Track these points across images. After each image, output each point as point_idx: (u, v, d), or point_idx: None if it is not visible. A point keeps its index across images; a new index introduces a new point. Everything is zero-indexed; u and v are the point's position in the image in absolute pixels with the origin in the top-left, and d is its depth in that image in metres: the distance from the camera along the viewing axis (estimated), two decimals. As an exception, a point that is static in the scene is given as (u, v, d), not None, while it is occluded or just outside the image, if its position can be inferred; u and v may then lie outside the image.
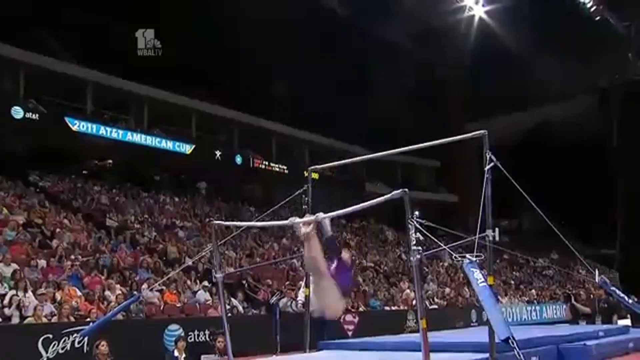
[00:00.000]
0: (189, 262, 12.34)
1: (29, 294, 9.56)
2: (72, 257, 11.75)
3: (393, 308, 15.89)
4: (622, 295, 5.91)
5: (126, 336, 9.08)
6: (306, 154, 27.91)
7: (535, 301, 21.40)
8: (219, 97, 24.31)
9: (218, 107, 24.24)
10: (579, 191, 29.50)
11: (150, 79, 21.31)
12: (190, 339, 10.10)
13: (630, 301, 5.99)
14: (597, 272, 5.65)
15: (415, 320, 13.24)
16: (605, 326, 9.42)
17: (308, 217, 5.03)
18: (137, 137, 20.91)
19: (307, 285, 7.00)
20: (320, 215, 5.00)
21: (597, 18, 24.24)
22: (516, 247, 27.21)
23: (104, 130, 19.87)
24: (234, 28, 22.37)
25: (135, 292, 10.30)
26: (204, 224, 17.65)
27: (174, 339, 9.19)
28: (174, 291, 11.89)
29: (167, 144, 21.89)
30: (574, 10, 23.43)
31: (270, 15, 22.08)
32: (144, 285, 11.03)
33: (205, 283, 12.76)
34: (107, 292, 10.70)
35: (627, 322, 10.82)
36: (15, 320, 9.13)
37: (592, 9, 23.62)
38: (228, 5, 21.67)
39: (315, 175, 6.99)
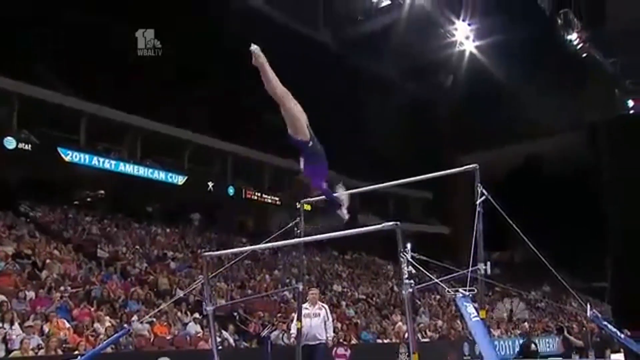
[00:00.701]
0: (180, 294, 12.20)
1: (16, 326, 9.40)
2: (62, 288, 11.60)
3: (385, 341, 15.72)
4: (614, 330, 5.88)
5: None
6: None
7: (527, 334, 21.23)
8: (212, 129, 24.39)
9: (211, 138, 24.30)
10: (570, 224, 29.61)
11: (144, 110, 21.40)
12: (180, 372, 9.93)
13: (622, 336, 5.95)
14: (588, 306, 5.63)
15: (407, 354, 13.10)
16: (598, 361, 9.34)
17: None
18: (130, 168, 20.90)
19: (299, 319, 6.93)
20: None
21: (584, 55, 24.76)
22: (508, 279, 27.19)
23: (96, 161, 19.84)
24: (224, 60, 22.56)
25: (125, 325, 10.14)
26: (195, 255, 17.51)
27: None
28: (165, 323, 11.73)
29: (160, 175, 21.86)
30: (562, 47, 23.92)
31: (265, 48, 22.31)
32: (134, 317, 10.88)
33: (196, 315, 12.60)
34: (96, 324, 10.52)
35: (620, 357, 10.73)
36: (1, 354, 8.94)
37: (579, 47, 24.14)
38: (223, 43, 21.88)
39: (307, 207, 6.97)
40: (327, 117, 26.80)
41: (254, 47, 4.73)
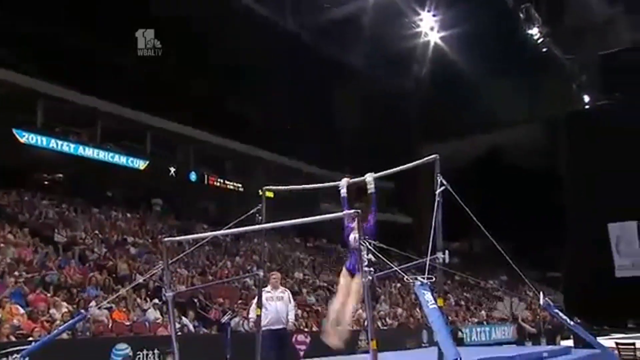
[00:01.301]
0: (140, 279, 12.03)
1: (-33, 312, 9.14)
2: (16, 273, 11.29)
3: (345, 328, 15.83)
4: (564, 317, 6.06)
5: (71, 356, 8.76)
6: (262, 173, 27.83)
7: (484, 322, 21.74)
8: (176, 114, 24.06)
9: (174, 123, 23.99)
10: (528, 215, 30.32)
11: (105, 93, 20.97)
12: (139, 358, 9.83)
13: (572, 323, 6.14)
14: (541, 294, 5.78)
15: (367, 341, 13.23)
16: (549, 347, 9.63)
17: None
18: (90, 152, 20.50)
19: (258, 305, 6.92)
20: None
21: (544, 50, 25.24)
22: (467, 268, 27.74)
23: (54, 144, 19.41)
24: (192, 43, 22.27)
25: (82, 310, 9.96)
26: (156, 240, 17.31)
27: (120, 358, 8.92)
28: (124, 309, 11.57)
29: (121, 159, 21.52)
30: (524, 41, 24.31)
31: (232, 34, 22.10)
32: (92, 303, 10.69)
33: (156, 301, 12.47)
34: (52, 310, 10.30)
35: (569, 343, 11.11)
36: (-48, 339, 8.69)
37: (539, 41, 24.58)
38: (189, 21, 21.55)
39: (270, 194, 6.94)
40: (294, 105, 26.97)
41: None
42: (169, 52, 22.42)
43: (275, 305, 7.95)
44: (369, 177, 5.65)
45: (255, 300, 7.41)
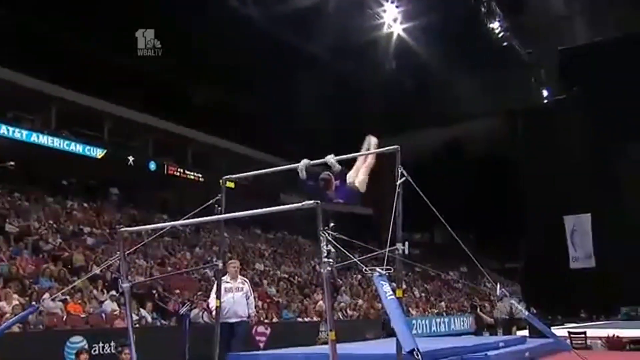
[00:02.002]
0: (96, 270, 11.81)
1: None
2: (-36, 264, 10.96)
3: (306, 319, 15.92)
4: (519, 307, 6.22)
5: (22, 350, 8.54)
6: (223, 163, 27.60)
7: (444, 313, 22.13)
8: (134, 101, 23.61)
9: (132, 111, 23.55)
10: (488, 207, 30.93)
11: (59, 77, 20.41)
12: (95, 351, 9.64)
13: (527, 313, 6.30)
14: (498, 285, 5.92)
15: (326, 332, 13.31)
16: (505, 337, 9.87)
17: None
18: (43, 139, 19.95)
19: (217, 297, 6.87)
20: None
21: (504, 44, 25.70)
22: (429, 260, 28.17)
23: (5, 130, 18.83)
24: (153, 29, 21.81)
25: (34, 303, 9.71)
26: (113, 231, 17.00)
27: (75, 351, 8.75)
28: (79, 301, 11.34)
29: (77, 147, 21.04)
30: (485, 34, 24.71)
31: (191, 20, 21.78)
32: (46, 295, 10.45)
33: (113, 293, 12.27)
34: (2, 303, 10.02)
35: (525, 332, 11.40)
36: None
37: (500, 35, 25.01)
38: (145, 7, 21.11)
39: (230, 184, 6.89)
40: (253, 94, 26.70)
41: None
42: (128, 36, 22.06)
43: (233, 297, 7.70)
44: (331, 158, 5.78)
45: (214, 291, 7.32)
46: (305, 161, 5.88)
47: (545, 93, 29.94)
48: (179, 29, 21.42)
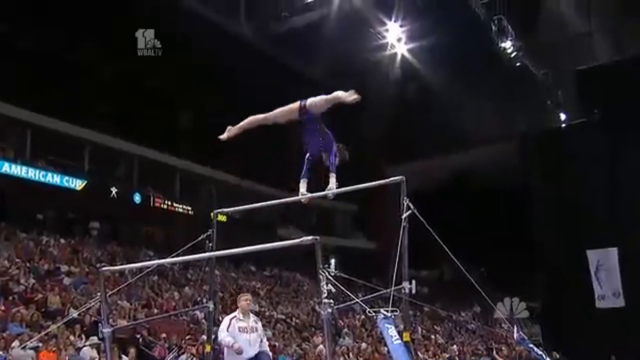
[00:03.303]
0: (74, 314, 11.71)
1: None
2: None
3: (305, 365, 15.76)
4: (540, 352, 6.17)
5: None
6: (213, 194, 27.61)
7: (457, 358, 21.87)
8: (117, 127, 23.74)
9: (115, 138, 23.67)
10: (501, 240, 30.78)
11: (35, 104, 20.55)
12: (71, 404, 9.52)
13: (548, 359, 6.24)
14: (515, 328, 5.88)
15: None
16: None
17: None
18: (17, 169, 19.98)
19: (208, 341, 6.82)
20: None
21: (518, 64, 25.92)
22: (437, 299, 27.93)
23: (-25, 160, 18.93)
24: (135, 51, 22.06)
25: (1, 352, 9.61)
26: (93, 269, 16.92)
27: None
28: (54, 348, 11.21)
29: (54, 178, 21.09)
30: (496, 54, 24.92)
31: (183, 41, 22.01)
32: (15, 343, 10.33)
33: (93, 338, 12.14)
34: (-34, 352, 9.92)
35: (547, 379, 11.26)
36: None
37: (512, 55, 25.25)
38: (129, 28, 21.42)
39: (222, 218, 6.92)
40: (245, 116, 26.71)
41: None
42: (110, 57, 22.31)
43: (248, 339, 6.86)
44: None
45: (225, 328, 6.80)
46: (305, 196, 6.19)
47: (562, 117, 30.08)
48: (167, 54, 21.66)
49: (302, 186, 6.22)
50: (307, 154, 6.43)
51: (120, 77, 23.20)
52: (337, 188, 6.07)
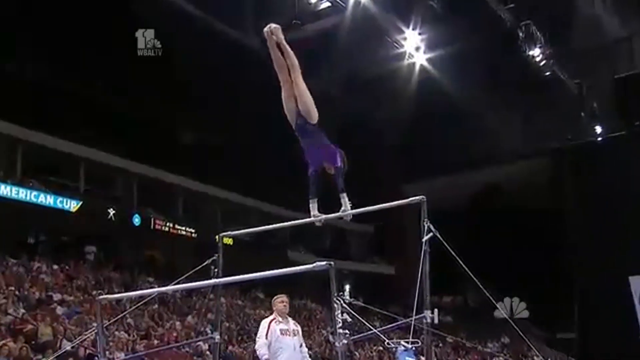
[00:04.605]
0: (67, 346, 11.74)
1: None
2: None
3: (318, 402, 15.68)
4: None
5: None
6: (218, 215, 27.68)
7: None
8: (115, 144, 23.92)
9: (113, 156, 23.84)
10: (531, 264, 30.55)
11: (26, 119, 20.76)
12: None
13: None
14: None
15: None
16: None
17: None
18: (6, 190, 20.14)
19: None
20: None
21: (547, 74, 25.84)
22: (461, 328, 27.72)
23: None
24: (135, 63, 22.33)
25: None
26: (89, 298, 16.98)
27: None
28: (44, 384, 11.25)
29: (47, 199, 21.22)
30: (524, 63, 24.88)
31: (185, 53, 22.24)
32: (3, 378, 10.37)
33: (87, 372, 12.18)
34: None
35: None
36: None
37: (542, 63, 25.19)
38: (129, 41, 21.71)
39: (228, 241, 6.97)
40: (251, 135, 26.92)
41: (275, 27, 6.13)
42: (107, 71, 22.55)
43: (291, 343, 6.81)
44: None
45: (263, 333, 6.83)
46: (319, 217, 6.17)
47: (598, 129, 29.92)
48: (167, 67, 21.88)
49: (313, 207, 6.12)
50: (310, 170, 6.37)
51: (118, 90, 23.45)
52: (351, 209, 6.07)
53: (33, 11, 20.50)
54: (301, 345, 6.96)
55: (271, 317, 7.00)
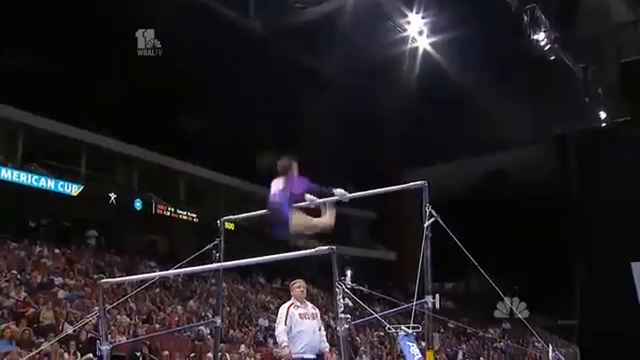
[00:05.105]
0: (69, 330, 11.81)
1: None
2: None
3: (318, 387, 15.74)
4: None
5: None
6: (220, 200, 27.71)
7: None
8: (116, 129, 23.90)
9: (114, 140, 23.83)
10: (534, 251, 30.58)
11: (27, 103, 20.73)
12: None
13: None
14: (550, 347, 5.86)
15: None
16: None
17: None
18: (8, 174, 20.16)
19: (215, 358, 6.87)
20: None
21: (552, 58, 25.71)
22: (463, 314, 27.80)
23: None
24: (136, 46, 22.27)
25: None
26: (90, 281, 17.05)
27: None
28: (46, 367, 11.30)
29: (48, 184, 21.26)
30: (528, 48, 24.75)
31: (184, 38, 22.14)
32: (4, 361, 10.43)
33: (90, 356, 12.22)
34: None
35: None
36: None
37: (547, 48, 25.05)
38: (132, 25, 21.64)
39: (230, 226, 6.98)
40: (254, 121, 26.83)
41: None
42: (109, 57, 22.48)
43: (312, 325, 6.77)
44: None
45: (282, 321, 6.82)
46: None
47: (602, 115, 29.84)
48: (167, 52, 21.81)
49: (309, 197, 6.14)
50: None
51: (119, 76, 23.38)
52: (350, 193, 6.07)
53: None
54: (320, 329, 6.91)
55: (289, 302, 6.97)
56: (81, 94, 22.71)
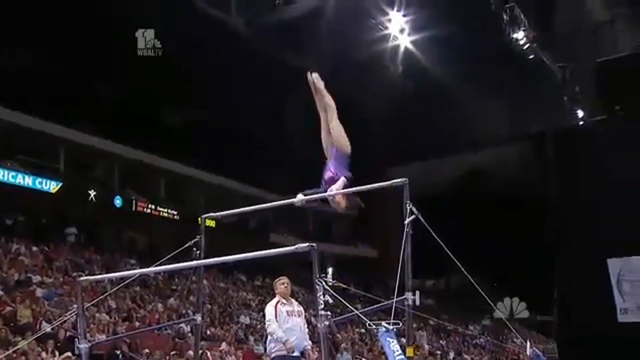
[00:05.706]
0: (47, 328, 11.71)
1: None
2: None
3: (299, 384, 15.76)
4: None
5: None
6: (201, 197, 27.62)
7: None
8: (96, 125, 23.73)
9: (94, 137, 23.66)
10: (513, 248, 30.85)
11: (5, 100, 20.53)
12: None
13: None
14: (528, 343, 5.92)
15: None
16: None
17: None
18: (-17, 170, 20.00)
19: (196, 356, 6.85)
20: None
21: (531, 57, 25.92)
22: (443, 311, 27.99)
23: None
24: (119, 44, 22.13)
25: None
26: (69, 279, 16.94)
27: None
28: (23, 366, 11.21)
29: (26, 180, 21.08)
30: (507, 46, 24.92)
31: (167, 36, 22.04)
32: (-21, 360, 10.33)
33: (68, 354, 12.14)
34: None
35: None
36: None
37: (526, 47, 25.24)
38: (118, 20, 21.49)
39: (210, 223, 6.97)
40: (235, 117, 26.79)
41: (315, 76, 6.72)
42: (86, 51, 22.31)
43: (299, 323, 7.03)
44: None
45: (273, 318, 6.92)
46: (300, 196, 6.08)
47: (580, 113, 30.13)
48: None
49: (300, 194, 6.18)
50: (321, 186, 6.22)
51: (99, 72, 23.23)
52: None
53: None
54: (305, 326, 7.13)
55: (276, 300, 7.08)
56: (60, 90, 22.49)
